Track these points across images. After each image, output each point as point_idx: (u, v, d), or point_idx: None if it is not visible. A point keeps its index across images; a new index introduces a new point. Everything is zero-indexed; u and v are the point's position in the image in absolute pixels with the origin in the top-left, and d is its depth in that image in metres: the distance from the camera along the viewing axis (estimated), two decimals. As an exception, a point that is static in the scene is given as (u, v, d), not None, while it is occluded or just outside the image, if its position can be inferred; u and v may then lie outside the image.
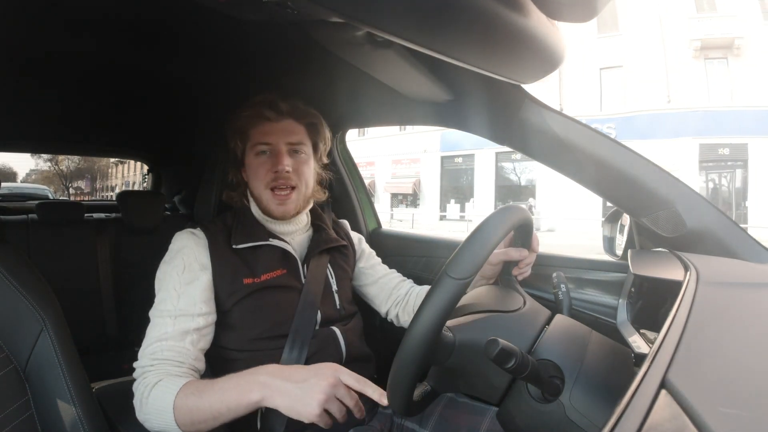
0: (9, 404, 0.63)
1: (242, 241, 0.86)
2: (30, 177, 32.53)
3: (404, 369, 0.52)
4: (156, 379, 0.72)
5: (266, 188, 0.87)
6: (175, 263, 0.82)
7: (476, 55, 0.63)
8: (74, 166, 27.30)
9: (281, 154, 0.86)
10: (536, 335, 0.58)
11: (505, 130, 0.95)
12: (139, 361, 0.76)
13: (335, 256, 0.98)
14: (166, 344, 0.76)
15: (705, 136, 13.29)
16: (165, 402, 0.69)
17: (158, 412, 0.69)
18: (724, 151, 13.34)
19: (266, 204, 0.88)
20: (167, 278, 0.81)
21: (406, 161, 18.63)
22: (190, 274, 0.81)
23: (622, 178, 0.80)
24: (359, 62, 0.83)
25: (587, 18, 0.59)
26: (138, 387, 0.73)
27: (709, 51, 13.55)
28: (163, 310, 0.78)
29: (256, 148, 0.88)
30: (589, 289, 0.99)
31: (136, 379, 0.75)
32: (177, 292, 0.79)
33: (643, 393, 0.29)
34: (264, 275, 0.85)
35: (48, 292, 0.73)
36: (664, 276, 0.64)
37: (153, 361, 0.74)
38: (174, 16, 0.80)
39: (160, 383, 0.71)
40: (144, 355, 0.76)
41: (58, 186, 29.54)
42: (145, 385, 0.72)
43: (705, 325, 0.41)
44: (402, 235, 1.50)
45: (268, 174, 0.86)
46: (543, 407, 0.52)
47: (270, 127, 0.88)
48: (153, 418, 0.70)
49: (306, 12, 0.52)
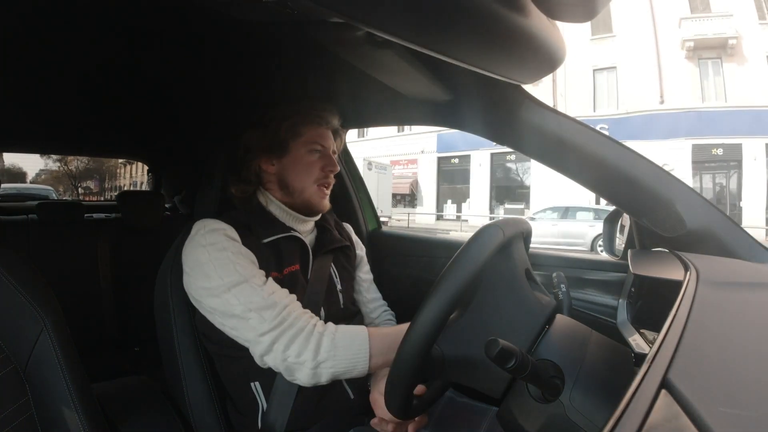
0: (9, 405, 0.63)
1: (266, 235, 0.86)
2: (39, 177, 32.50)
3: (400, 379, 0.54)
4: (318, 322, 0.77)
5: (314, 183, 0.91)
6: (214, 239, 0.78)
7: (476, 55, 0.63)
8: (83, 167, 27.19)
9: (332, 158, 0.94)
10: (536, 335, 0.58)
11: (505, 130, 0.95)
12: (267, 322, 0.73)
13: (339, 256, 0.98)
14: (276, 291, 0.77)
15: (698, 137, 13.26)
16: (360, 336, 0.75)
17: (352, 344, 0.74)
18: (717, 152, 13.30)
19: (309, 197, 0.91)
20: (214, 257, 0.76)
21: (404, 162, 18.87)
22: (240, 247, 0.80)
23: (622, 178, 0.80)
24: (359, 62, 0.83)
25: (587, 18, 0.59)
26: (314, 333, 0.74)
27: (703, 51, 13.52)
28: (234, 281, 0.74)
29: (310, 146, 0.91)
30: (589, 289, 0.99)
31: (290, 329, 0.73)
32: (238, 261, 0.77)
33: (644, 393, 0.29)
34: (286, 269, 0.85)
35: (48, 292, 0.73)
36: (664, 276, 0.64)
37: (288, 307, 0.76)
38: (174, 16, 0.80)
39: (341, 327, 0.77)
40: (264, 313, 0.73)
41: (67, 186, 29.53)
42: (320, 328, 0.75)
43: (705, 325, 0.41)
44: (402, 235, 1.50)
45: (320, 171, 0.92)
46: (543, 407, 0.52)
47: (325, 132, 0.94)
48: (344, 353, 0.74)
49: (306, 12, 0.52)
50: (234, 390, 0.84)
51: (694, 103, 13.47)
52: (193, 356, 0.85)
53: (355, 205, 1.48)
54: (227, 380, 0.85)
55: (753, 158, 12.73)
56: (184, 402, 0.84)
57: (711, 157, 13.35)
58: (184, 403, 0.84)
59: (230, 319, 0.74)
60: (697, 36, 13.35)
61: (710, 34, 13.22)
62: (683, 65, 13.74)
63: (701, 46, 13.46)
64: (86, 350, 0.89)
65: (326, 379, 0.74)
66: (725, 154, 13.22)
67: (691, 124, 13.28)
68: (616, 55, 14.48)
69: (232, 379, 0.83)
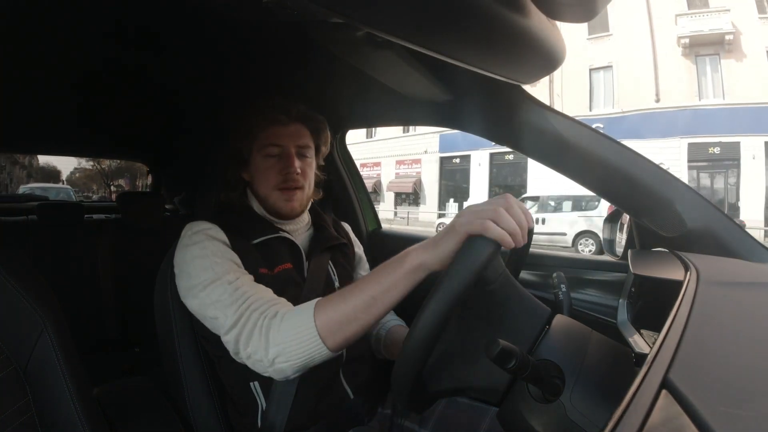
0: (9, 405, 0.63)
1: (255, 236, 0.86)
2: (74, 175, 33.12)
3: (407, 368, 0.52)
4: (274, 310, 0.68)
5: (275, 189, 0.88)
6: (201, 239, 0.79)
7: (476, 55, 0.63)
8: (115, 166, 27.33)
9: (292, 157, 0.88)
10: (536, 335, 0.58)
11: (505, 130, 0.95)
12: (228, 319, 0.69)
13: (336, 254, 0.98)
14: (245, 287, 0.72)
15: (695, 136, 13.12)
16: (303, 319, 0.64)
17: (298, 333, 0.64)
18: (714, 150, 13.15)
19: (273, 203, 0.89)
20: (197, 253, 0.76)
21: (409, 162, 19.34)
22: (224, 247, 0.79)
23: (622, 178, 0.80)
24: (359, 62, 0.83)
25: (587, 18, 0.59)
26: (257, 325, 0.67)
27: (700, 48, 13.38)
28: (213, 276, 0.73)
29: (265, 150, 0.88)
30: (589, 289, 0.99)
31: (245, 326, 0.68)
32: (218, 259, 0.75)
33: (644, 393, 0.29)
34: (277, 268, 0.85)
35: (48, 293, 0.73)
36: (664, 276, 0.64)
37: (248, 299, 0.70)
38: (173, 16, 0.80)
39: (291, 311, 0.67)
40: (228, 309, 0.70)
41: (100, 184, 30.08)
42: (269, 316, 0.67)
43: (706, 325, 0.41)
44: (402, 235, 1.50)
45: (277, 176, 0.88)
46: (543, 407, 0.52)
47: (281, 130, 0.89)
48: (290, 344, 0.64)
49: (306, 12, 0.52)
50: (233, 390, 0.84)
51: (691, 101, 13.36)
52: (192, 357, 0.85)
53: (355, 205, 1.48)
54: (227, 380, 0.84)
55: (751, 157, 12.60)
56: (184, 402, 0.84)
57: (708, 155, 13.22)
58: (184, 403, 0.84)
59: (208, 320, 0.74)
60: (693, 32, 13.24)
61: (706, 30, 13.09)
62: (680, 62, 13.64)
63: (697, 43, 13.33)
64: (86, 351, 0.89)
65: (294, 373, 0.68)
66: (722, 152, 13.08)
67: (687, 122, 13.15)
68: (613, 53, 14.43)
69: (232, 380, 0.83)
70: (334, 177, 1.48)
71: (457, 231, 0.57)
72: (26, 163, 27.32)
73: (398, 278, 0.61)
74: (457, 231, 0.57)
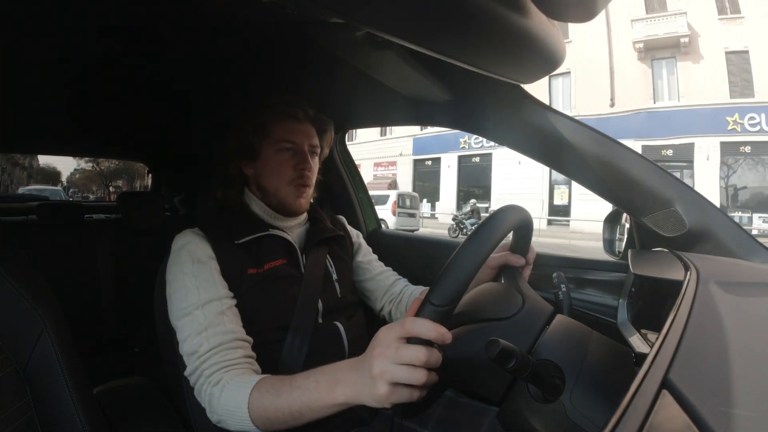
0: (9, 406, 0.63)
1: (243, 235, 0.86)
2: (74, 176, 33.43)
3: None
4: (219, 377, 0.70)
5: (288, 184, 0.89)
6: (182, 259, 0.81)
7: (476, 55, 0.63)
8: (113, 167, 27.78)
9: (306, 154, 0.90)
10: (536, 335, 0.58)
11: (505, 130, 0.95)
12: (188, 367, 0.74)
13: (333, 246, 0.99)
14: (207, 334, 0.73)
15: (648, 138, 13.18)
16: (238, 401, 0.66)
17: (232, 413, 0.66)
18: (667, 152, 13.23)
19: (284, 197, 0.90)
20: (178, 277, 0.79)
21: (385, 164, 20.56)
22: (200, 265, 0.80)
23: (622, 178, 0.80)
24: (359, 62, 0.83)
25: (587, 18, 0.59)
26: (203, 390, 0.71)
27: (656, 51, 13.44)
28: (186, 307, 0.76)
29: (279, 145, 0.89)
30: (589, 289, 0.99)
31: (196, 384, 0.73)
32: (194, 284, 0.77)
33: (644, 393, 0.29)
34: (266, 265, 0.85)
35: (48, 294, 0.73)
36: (664, 276, 0.64)
37: (202, 356, 0.72)
38: (174, 17, 0.80)
39: (231, 384, 0.69)
40: (189, 358, 0.74)
41: (99, 185, 30.38)
42: (212, 384, 0.70)
43: (705, 325, 0.41)
44: (402, 235, 1.50)
45: (292, 171, 0.89)
46: (544, 407, 0.52)
47: (296, 127, 0.90)
48: (228, 419, 0.68)
49: (306, 12, 0.53)
50: None
51: (646, 104, 13.44)
52: None
53: (355, 205, 1.48)
54: None
55: (705, 158, 12.67)
56: (184, 402, 0.84)
57: (661, 157, 13.23)
58: (183, 403, 0.84)
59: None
60: (647, 37, 13.31)
61: (661, 33, 13.16)
62: (635, 67, 13.72)
63: (653, 47, 13.40)
64: (86, 351, 0.89)
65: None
66: (675, 154, 13.16)
67: (641, 125, 13.24)
68: (571, 59, 14.52)
69: None
70: (334, 177, 1.48)
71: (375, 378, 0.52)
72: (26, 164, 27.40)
73: (325, 407, 0.60)
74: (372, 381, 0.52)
